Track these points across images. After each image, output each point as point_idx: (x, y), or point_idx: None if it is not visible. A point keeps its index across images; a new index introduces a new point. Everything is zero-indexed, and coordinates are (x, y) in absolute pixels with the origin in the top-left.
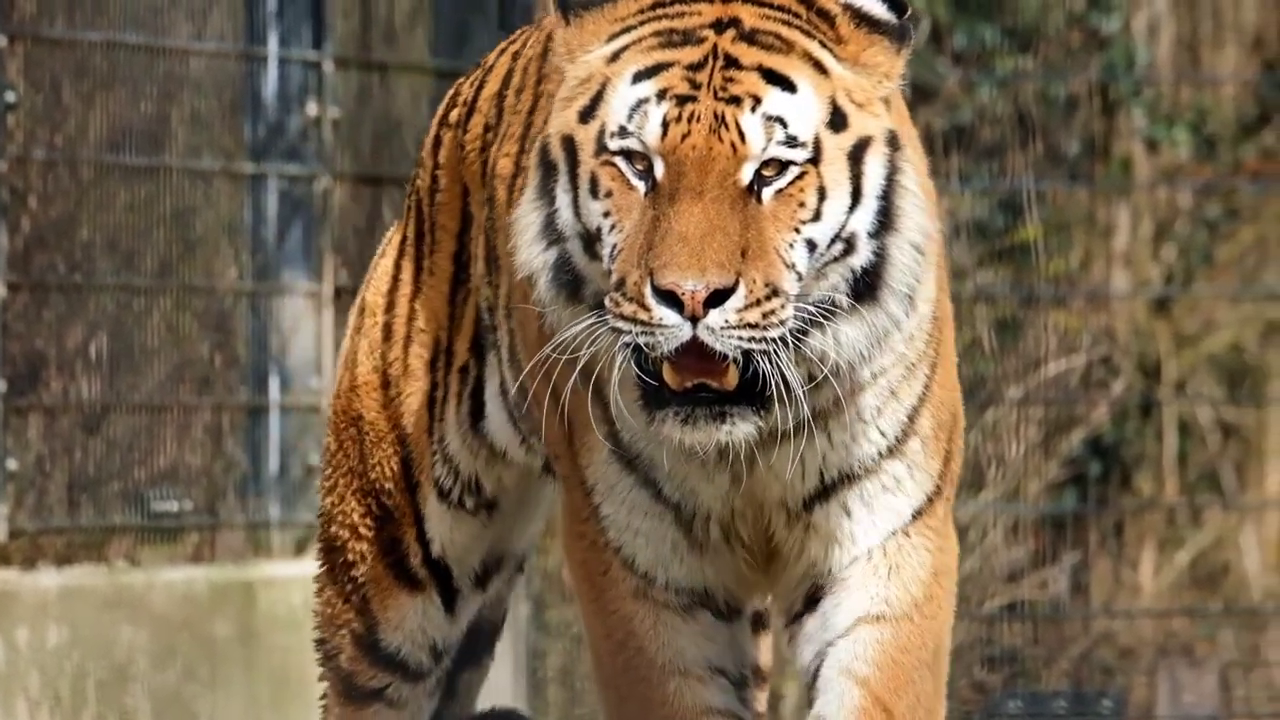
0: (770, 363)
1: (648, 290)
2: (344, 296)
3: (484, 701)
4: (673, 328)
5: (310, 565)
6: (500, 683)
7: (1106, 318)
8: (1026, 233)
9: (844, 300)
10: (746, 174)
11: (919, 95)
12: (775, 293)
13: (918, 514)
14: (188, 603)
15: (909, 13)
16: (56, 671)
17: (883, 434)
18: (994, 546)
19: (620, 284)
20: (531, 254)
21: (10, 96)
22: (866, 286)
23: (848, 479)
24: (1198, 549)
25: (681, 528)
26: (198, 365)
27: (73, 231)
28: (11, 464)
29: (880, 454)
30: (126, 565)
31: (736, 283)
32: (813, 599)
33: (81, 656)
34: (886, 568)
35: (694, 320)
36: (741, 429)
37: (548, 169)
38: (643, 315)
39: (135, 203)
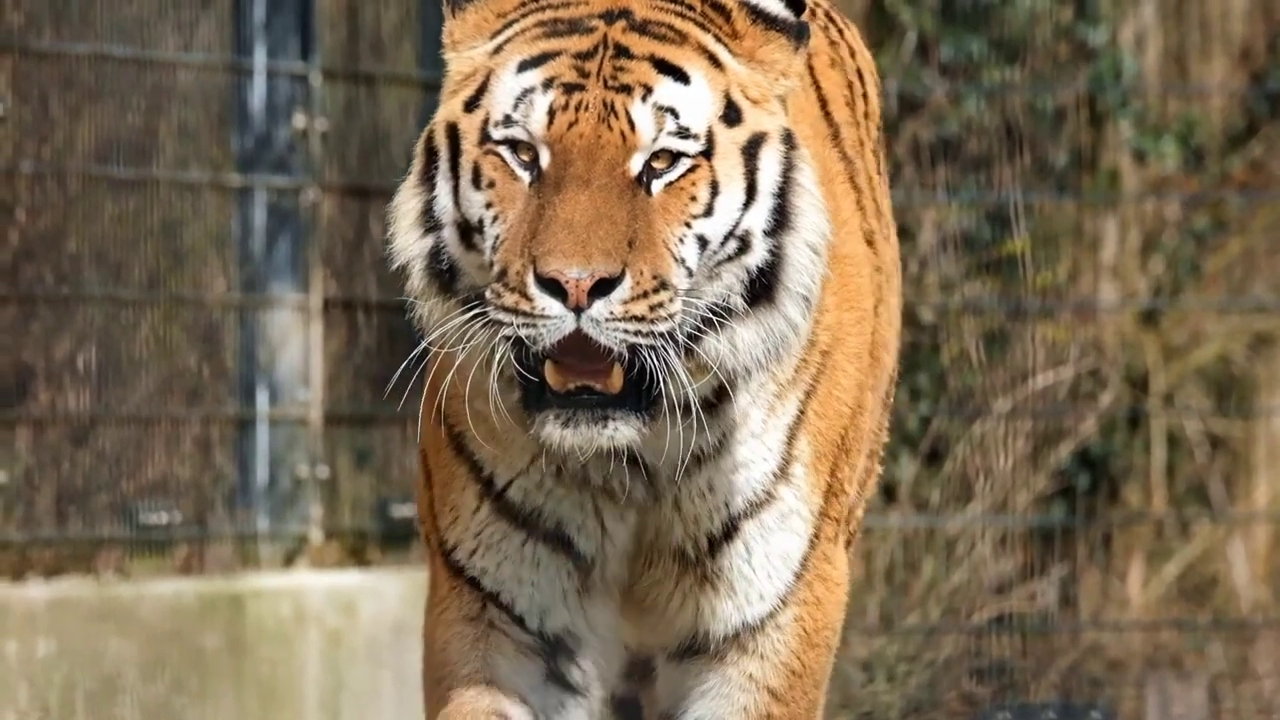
0: (658, 358)
1: (530, 279)
2: (332, 308)
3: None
4: (555, 319)
5: (300, 576)
6: None
7: (1094, 330)
8: (1014, 245)
9: (739, 303)
10: (636, 164)
11: (906, 106)
12: (663, 286)
13: (804, 562)
14: (176, 614)
15: (806, 10)
16: (45, 683)
17: (771, 450)
18: (982, 559)
19: (502, 274)
20: (407, 241)
21: None
22: (763, 287)
23: (751, 508)
24: (1186, 561)
25: (579, 575)
26: (186, 377)
27: (60, 243)
28: (0, 476)
29: (771, 477)
30: (115, 577)
31: (623, 273)
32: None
33: (70, 668)
34: (747, 662)
35: (578, 311)
36: (624, 432)
37: (430, 156)
38: (524, 306)
39: (123, 215)
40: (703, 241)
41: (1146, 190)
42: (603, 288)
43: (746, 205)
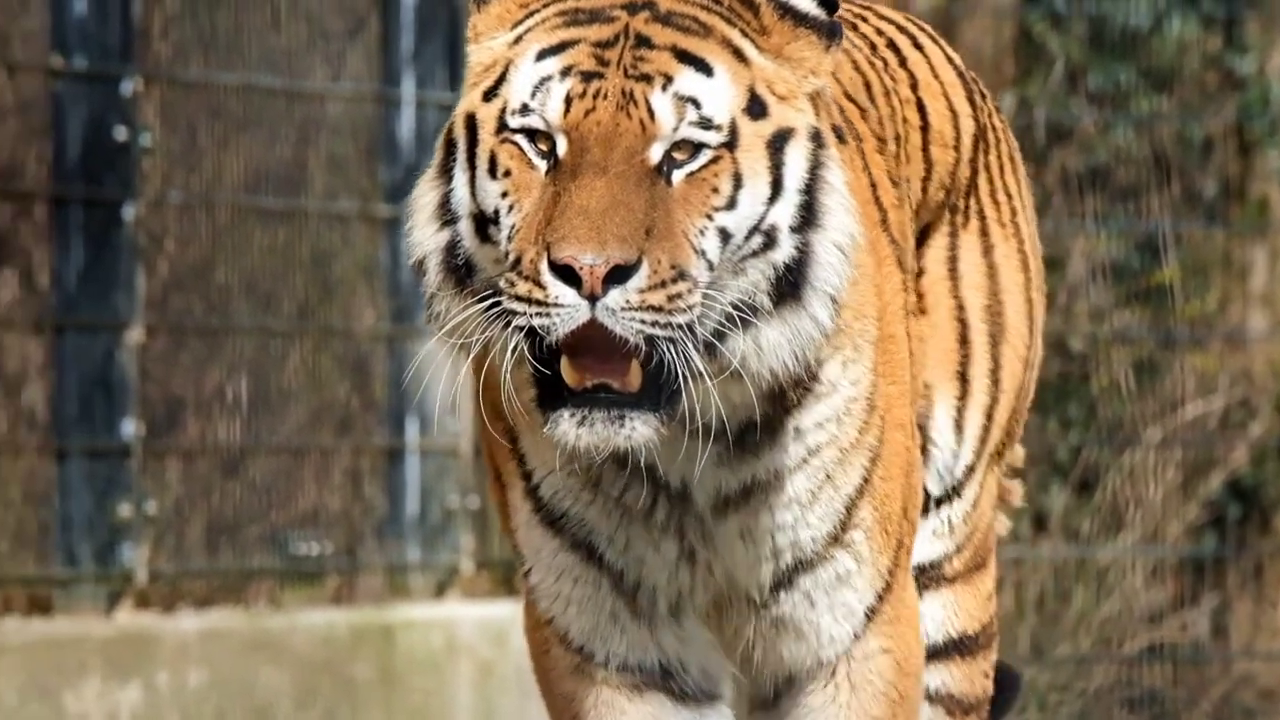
0: (676, 352)
1: (544, 266)
2: None
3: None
4: (569, 307)
5: (451, 607)
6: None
7: (1244, 359)
8: (1164, 274)
9: (765, 301)
10: (655, 154)
11: (1055, 135)
12: (681, 276)
13: (872, 611)
14: (328, 645)
15: (838, 9)
16: (197, 714)
17: (821, 519)
18: (1134, 589)
19: (516, 263)
20: (425, 235)
21: (146, 139)
22: (789, 285)
23: (802, 565)
24: None
25: (622, 596)
26: (336, 408)
27: (210, 274)
28: (150, 507)
29: (822, 540)
30: (266, 608)
31: (639, 260)
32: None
33: (221, 699)
34: (847, 693)
35: (592, 299)
36: (642, 432)
37: (449, 148)
38: (538, 294)
39: (273, 245)
40: (724, 234)
41: None
42: (618, 275)
43: (772, 200)
